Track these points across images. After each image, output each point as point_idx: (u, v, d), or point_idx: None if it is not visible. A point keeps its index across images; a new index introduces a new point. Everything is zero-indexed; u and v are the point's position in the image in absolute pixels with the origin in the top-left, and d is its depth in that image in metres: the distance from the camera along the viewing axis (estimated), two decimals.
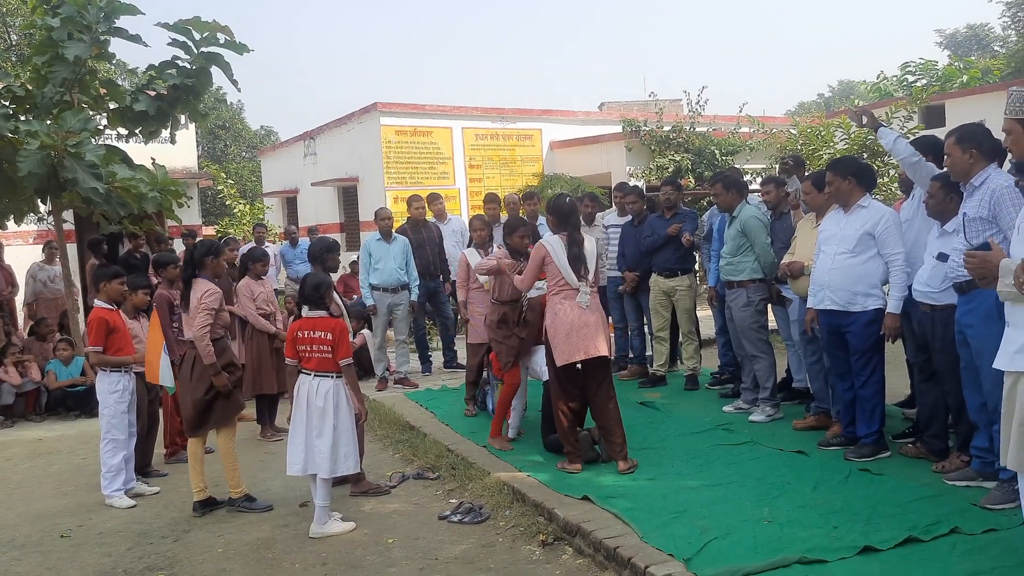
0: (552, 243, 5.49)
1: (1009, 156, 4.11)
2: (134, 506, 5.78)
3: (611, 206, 9.15)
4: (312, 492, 5.11)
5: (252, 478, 6.24)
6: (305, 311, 5.14)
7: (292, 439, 5.08)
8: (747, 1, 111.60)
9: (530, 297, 6.13)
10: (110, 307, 6.02)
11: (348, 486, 5.69)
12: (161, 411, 6.81)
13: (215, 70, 9.18)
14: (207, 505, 5.55)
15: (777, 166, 7.06)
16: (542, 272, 5.56)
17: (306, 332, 5.06)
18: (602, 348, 5.47)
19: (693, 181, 14.89)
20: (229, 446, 5.56)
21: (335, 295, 5.58)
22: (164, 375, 6.05)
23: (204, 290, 5.53)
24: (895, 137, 5.21)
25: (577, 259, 5.44)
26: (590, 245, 5.59)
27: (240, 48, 8.94)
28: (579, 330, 5.38)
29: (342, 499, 5.52)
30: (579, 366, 5.49)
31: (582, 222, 6.67)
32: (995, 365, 3.28)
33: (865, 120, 5.51)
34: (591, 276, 5.53)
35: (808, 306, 5.64)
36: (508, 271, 5.96)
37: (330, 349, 5.02)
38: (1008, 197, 4.14)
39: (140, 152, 9.89)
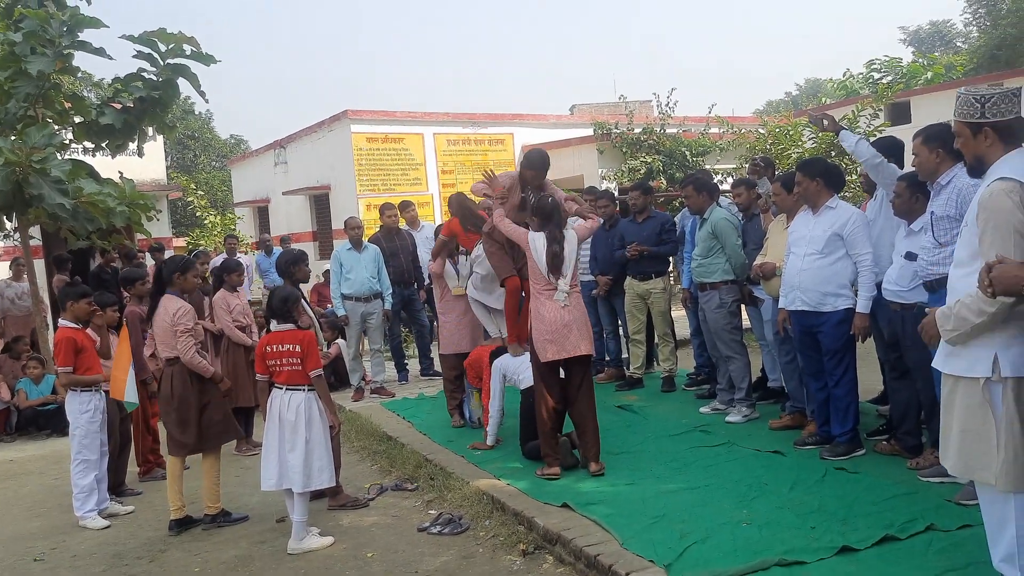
0: (535, 239, 5.51)
1: None
2: (108, 527, 5.71)
3: None
4: (288, 507, 5.08)
5: (229, 493, 6.18)
6: (273, 325, 5.13)
7: (265, 454, 5.07)
8: (714, 2, 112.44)
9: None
10: (76, 326, 5.94)
11: (326, 500, 5.65)
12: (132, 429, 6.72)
13: (182, 81, 9.10)
14: (183, 524, 5.48)
15: (747, 166, 7.09)
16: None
17: (275, 346, 5.04)
18: (585, 347, 5.50)
19: (665, 183, 14.96)
20: (216, 465, 5.56)
21: (305, 306, 5.58)
22: (129, 391, 6.08)
23: (176, 309, 5.47)
24: (856, 139, 5.28)
25: (556, 257, 5.45)
26: (571, 244, 5.58)
27: (207, 59, 8.87)
28: (562, 328, 5.41)
29: (320, 513, 5.48)
30: (561, 366, 5.51)
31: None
32: (933, 364, 3.31)
33: (826, 123, 5.57)
34: (570, 274, 5.53)
35: (780, 307, 5.68)
36: (496, 196, 5.95)
37: (299, 361, 5.00)
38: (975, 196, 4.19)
39: (108, 165, 9.78)
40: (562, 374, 5.56)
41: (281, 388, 5.04)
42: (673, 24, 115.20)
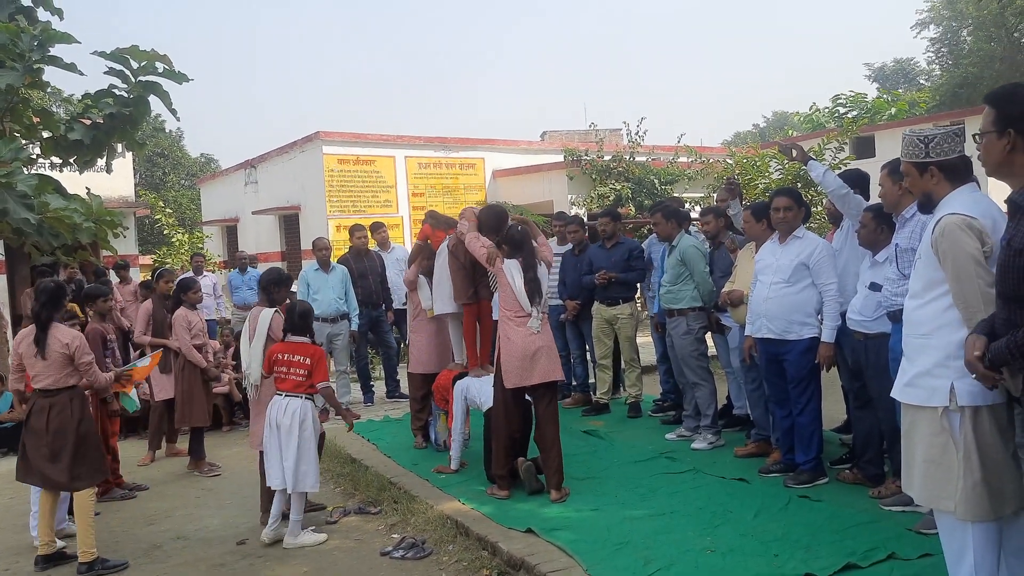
0: (510, 267, 5.55)
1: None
2: (64, 547, 5.58)
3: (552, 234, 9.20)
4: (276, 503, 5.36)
5: (188, 515, 6.09)
6: (288, 336, 5.46)
7: (267, 457, 5.38)
8: (684, 34, 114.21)
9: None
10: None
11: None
12: None
13: (154, 99, 9.03)
14: (50, 560, 5.14)
15: (723, 185, 7.17)
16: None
17: (286, 355, 5.38)
18: (553, 373, 5.52)
19: (633, 209, 15.10)
20: (89, 507, 5.15)
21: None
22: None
23: (68, 340, 5.16)
24: (824, 170, 5.36)
25: (533, 283, 5.51)
26: (542, 271, 5.66)
27: (179, 77, 8.81)
28: (532, 355, 5.43)
29: (281, 537, 5.41)
30: (528, 392, 5.52)
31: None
32: (892, 394, 3.36)
33: (795, 154, 5.67)
34: (543, 302, 5.58)
35: (746, 334, 5.74)
36: (467, 219, 6.08)
37: (307, 373, 5.33)
38: None
39: (76, 181, 9.66)
40: (528, 398, 5.58)
41: (282, 395, 5.34)
42: (643, 55, 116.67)
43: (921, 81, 40.80)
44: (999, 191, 3.06)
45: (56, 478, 5.11)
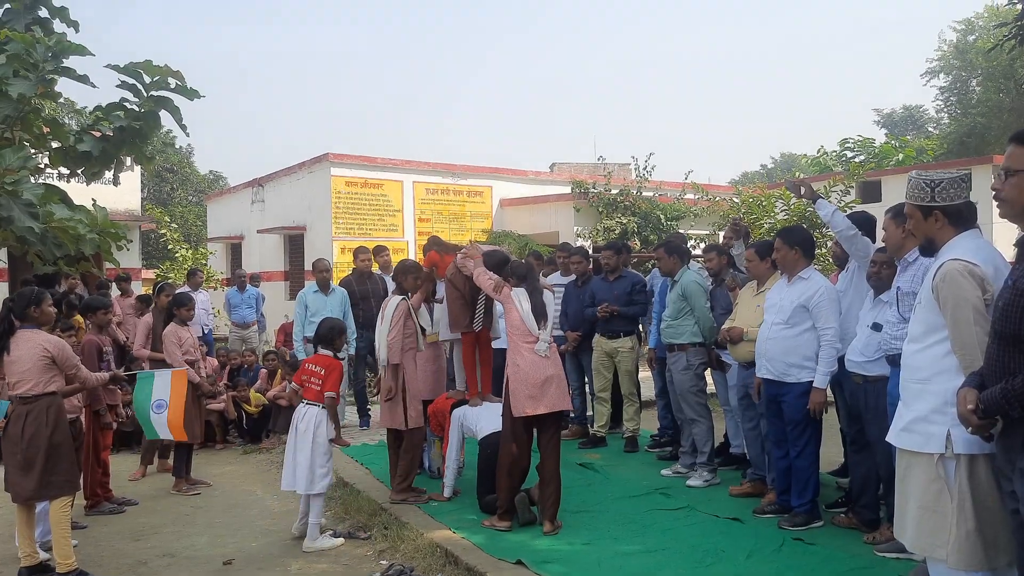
0: (517, 293, 5.66)
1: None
2: (48, 559, 5.51)
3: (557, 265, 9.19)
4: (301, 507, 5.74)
5: (177, 532, 6.04)
6: (319, 349, 5.94)
7: (285, 460, 5.82)
8: (697, 74, 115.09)
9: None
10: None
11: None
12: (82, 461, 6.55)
13: (165, 114, 9.08)
14: (34, 572, 5.11)
15: (728, 225, 7.19)
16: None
17: (310, 366, 5.88)
18: (563, 402, 5.55)
19: (639, 244, 15.11)
20: (64, 513, 5.10)
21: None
22: (160, 428, 6.57)
23: (50, 347, 5.13)
24: (833, 210, 5.35)
25: (539, 305, 5.61)
26: (548, 297, 5.84)
27: (191, 93, 8.85)
28: (541, 383, 5.44)
29: (269, 557, 5.35)
30: (536, 422, 5.51)
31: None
32: (887, 438, 3.32)
33: (803, 191, 5.66)
34: (549, 327, 5.64)
35: (756, 373, 5.69)
36: (471, 256, 6.15)
37: (320, 382, 5.73)
38: None
39: (83, 192, 9.69)
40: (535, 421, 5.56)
41: (305, 403, 5.77)
42: (655, 91, 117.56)
43: (929, 129, 40.99)
44: (1002, 238, 3.05)
45: (22, 489, 5.02)
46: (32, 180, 8.30)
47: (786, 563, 4.69)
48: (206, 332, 11.56)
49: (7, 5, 8.44)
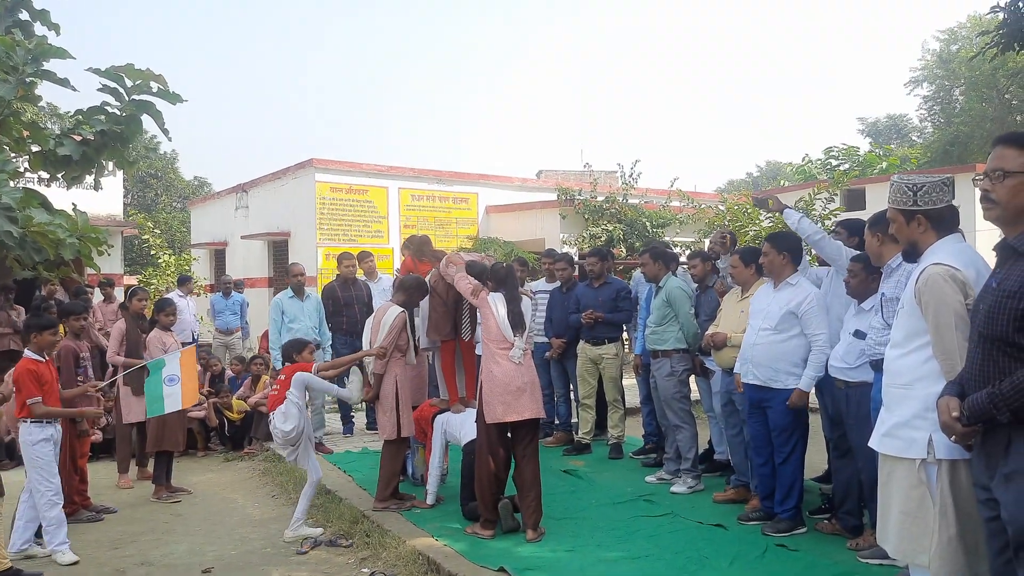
0: (494, 299, 5.60)
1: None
2: (76, 562, 5.42)
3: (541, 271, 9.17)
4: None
5: (155, 540, 5.97)
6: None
7: None
8: (683, 83, 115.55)
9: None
10: (40, 359, 5.79)
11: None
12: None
13: (147, 118, 9.00)
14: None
15: (714, 235, 7.20)
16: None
17: (281, 376, 6.10)
18: (535, 410, 5.48)
19: (624, 251, 15.11)
20: None
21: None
22: (170, 403, 6.75)
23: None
24: (799, 217, 5.42)
25: (515, 314, 5.54)
26: (526, 304, 5.73)
27: (173, 97, 8.76)
28: (514, 390, 5.39)
29: (248, 566, 5.29)
30: (509, 428, 5.46)
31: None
32: (869, 443, 3.31)
33: (771, 204, 5.73)
34: (525, 333, 5.58)
35: (735, 370, 5.67)
36: (454, 263, 6.15)
37: (279, 387, 5.95)
38: None
39: (63, 197, 9.60)
40: (509, 435, 5.52)
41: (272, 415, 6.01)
42: (642, 100, 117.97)
43: (913, 137, 41.28)
44: (986, 247, 3.03)
45: None
46: (11, 184, 8.20)
47: (769, 569, 4.67)
48: (195, 338, 11.46)
49: None
